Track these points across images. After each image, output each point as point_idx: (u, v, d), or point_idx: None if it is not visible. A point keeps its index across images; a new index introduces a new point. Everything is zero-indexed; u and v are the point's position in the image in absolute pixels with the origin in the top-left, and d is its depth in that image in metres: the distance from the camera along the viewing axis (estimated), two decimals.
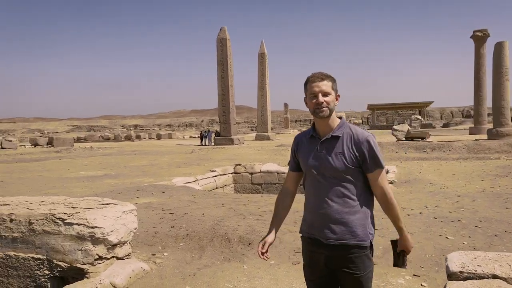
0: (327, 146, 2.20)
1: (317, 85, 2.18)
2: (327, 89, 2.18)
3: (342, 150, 2.17)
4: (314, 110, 2.19)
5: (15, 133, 74.38)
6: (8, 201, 4.49)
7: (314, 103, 2.18)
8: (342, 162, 2.14)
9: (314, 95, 2.18)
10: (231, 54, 34.22)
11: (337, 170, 2.15)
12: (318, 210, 2.19)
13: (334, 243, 2.16)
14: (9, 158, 21.07)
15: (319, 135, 2.25)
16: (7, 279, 4.13)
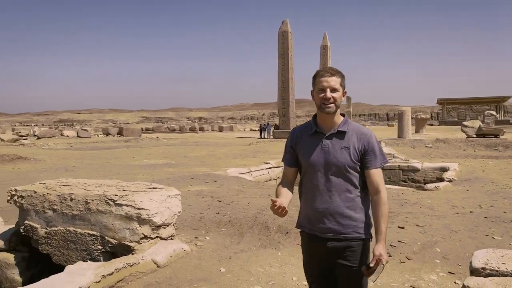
0: (333, 141, 2.20)
1: (326, 80, 2.17)
2: (336, 85, 2.18)
3: (348, 145, 2.18)
4: (320, 105, 2.18)
5: (91, 123, 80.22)
6: (70, 182, 5.02)
7: (321, 97, 2.17)
8: (348, 157, 2.16)
9: (323, 90, 2.17)
10: (292, 47, 34.17)
11: (343, 165, 2.16)
12: (321, 205, 2.18)
13: (337, 237, 2.17)
14: (83, 146, 22.93)
15: (322, 130, 2.23)
16: (67, 251, 4.63)
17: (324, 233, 2.19)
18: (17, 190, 4.99)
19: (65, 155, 16.68)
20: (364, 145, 2.19)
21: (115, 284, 3.59)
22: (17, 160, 13.00)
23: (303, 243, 2.36)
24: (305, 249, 2.35)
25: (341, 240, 2.18)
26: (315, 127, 2.26)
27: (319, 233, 2.21)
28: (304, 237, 2.34)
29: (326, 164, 2.17)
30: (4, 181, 9.16)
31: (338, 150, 2.18)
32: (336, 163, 2.16)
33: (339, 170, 2.16)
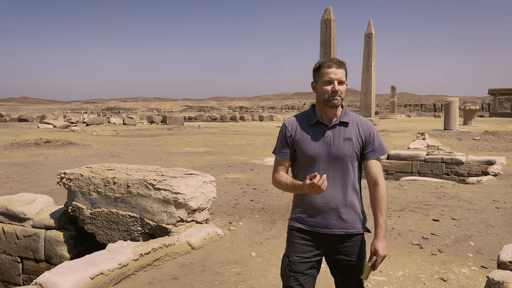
0: (335, 132, 2.13)
1: (334, 71, 2.09)
2: (342, 77, 2.11)
3: (350, 136, 2.13)
4: (328, 97, 2.09)
5: (136, 111, 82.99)
6: (113, 166, 5.33)
7: (329, 90, 2.09)
8: (351, 148, 2.12)
9: (330, 82, 2.09)
10: (335, 36, 33.55)
11: (346, 157, 2.10)
12: (323, 200, 2.10)
13: (339, 232, 2.11)
14: (129, 133, 23.87)
15: (324, 121, 2.16)
16: (110, 231, 4.95)
17: (327, 228, 2.11)
18: (66, 173, 5.37)
19: (111, 142, 17.48)
20: (365, 135, 2.16)
21: (151, 263, 3.82)
22: (67, 145, 13.81)
23: (295, 239, 2.18)
24: (296, 246, 2.16)
25: (343, 235, 2.12)
26: (316, 117, 2.18)
27: (320, 229, 2.12)
28: (298, 233, 2.17)
29: (328, 156, 2.10)
30: (56, 165, 9.80)
31: (341, 142, 2.12)
32: (339, 155, 2.10)
33: (342, 162, 2.10)
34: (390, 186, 7.40)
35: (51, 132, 21.82)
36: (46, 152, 12.53)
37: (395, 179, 11.47)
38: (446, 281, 3.45)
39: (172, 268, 3.80)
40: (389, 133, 21.18)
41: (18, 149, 12.83)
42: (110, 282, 3.44)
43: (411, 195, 6.45)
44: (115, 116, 47.32)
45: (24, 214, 5.62)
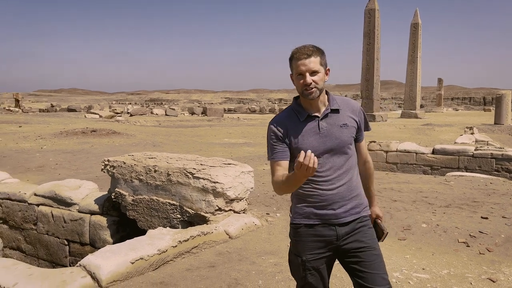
0: (329, 121, 2.05)
1: (303, 63, 1.96)
2: (315, 66, 1.96)
3: (345, 122, 2.06)
4: (302, 91, 2.00)
5: (178, 103, 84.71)
6: (154, 155, 5.44)
7: (301, 83, 1.98)
8: (348, 134, 2.06)
9: (301, 75, 1.98)
10: (379, 26, 32.60)
11: (345, 143, 2.05)
12: (330, 191, 2.03)
13: (351, 219, 2.06)
14: (170, 124, 24.41)
15: (313, 113, 2.06)
16: (150, 218, 5.07)
17: (338, 218, 2.04)
18: (109, 161, 5.54)
19: (154, 132, 17.94)
20: (358, 118, 2.13)
21: (190, 250, 3.87)
22: (112, 134, 14.30)
23: (304, 237, 2.08)
24: (308, 244, 2.07)
25: (353, 221, 2.07)
26: (304, 112, 2.06)
27: (331, 220, 2.04)
28: (307, 229, 2.07)
29: (328, 147, 2.02)
30: (101, 153, 10.18)
31: (338, 130, 2.04)
32: (339, 144, 2.03)
33: (342, 150, 2.04)
34: (435, 181, 7.11)
35: (97, 121, 22.70)
36: (92, 140, 13.05)
37: (441, 174, 11.01)
38: (495, 282, 3.26)
39: (210, 256, 3.83)
40: (434, 127, 20.41)
41: (67, 137, 13.44)
42: (150, 267, 3.51)
43: (458, 191, 6.16)
44: (157, 107, 48.55)
45: (71, 199, 5.87)
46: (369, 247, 2.06)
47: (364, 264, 2.02)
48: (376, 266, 2.03)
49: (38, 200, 6.17)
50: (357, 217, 2.08)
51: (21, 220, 6.37)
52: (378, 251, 2.09)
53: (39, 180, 7.21)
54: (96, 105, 43.29)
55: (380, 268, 2.04)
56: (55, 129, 15.91)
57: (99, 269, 3.26)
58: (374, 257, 2.05)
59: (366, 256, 2.03)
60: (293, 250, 2.16)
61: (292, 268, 2.19)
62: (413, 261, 3.65)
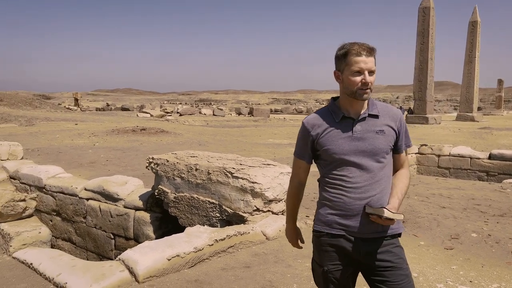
0: (365, 126, 1.93)
1: (364, 60, 1.83)
2: (373, 66, 1.87)
3: (382, 129, 1.93)
4: (357, 90, 1.86)
5: (226, 103, 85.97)
6: (196, 154, 5.51)
7: (359, 81, 1.85)
8: (384, 141, 1.92)
9: (360, 72, 1.85)
10: (433, 24, 31.26)
11: (379, 150, 1.91)
12: (359, 201, 1.88)
13: (376, 236, 1.89)
14: (217, 124, 24.80)
15: (350, 115, 1.94)
16: (191, 215, 5.14)
17: (362, 232, 1.89)
18: (154, 158, 5.68)
19: (201, 131, 18.29)
20: (397, 127, 1.97)
21: (226, 249, 3.87)
22: (160, 133, 14.74)
23: (325, 247, 1.97)
24: (329, 254, 1.97)
25: (380, 238, 1.90)
26: (341, 112, 1.95)
27: (354, 233, 1.90)
28: (329, 239, 1.96)
29: (361, 152, 1.89)
30: (149, 151, 10.50)
31: (373, 136, 1.91)
32: (373, 150, 1.90)
33: (376, 157, 1.90)
34: (490, 188, 6.67)
35: (147, 120, 23.51)
36: (141, 138, 13.52)
37: (497, 181, 10.33)
38: None
39: (246, 257, 3.81)
40: (492, 131, 19.24)
41: (118, 135, 14.02)
42: (186, 264, 3.55)
43: None
44: (206, 107, 49.54)
45: (117, 194, 6.08)
46: (396, 267, 1.90)
47: (391, 285, 1.88)
48: (404, 287, 1.89)
49: (88, 194, 6.46)
50: (384, 235, 1.92)
51: (72, 213, 6.69)
52: (407, 271, 1.93)
53: (90, 176, 7.55)
54: (148, 105, 44.91)
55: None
56: (108, 127, 16.66)
57: (137, 264, 3.33)
58: (402, 277, 1.90)
59: (393, 276, 1.89)
60: (315, 258, 2.08)
61: (315, 277, 2.11)
62: (459, 273, 3.43)
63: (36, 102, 34.68)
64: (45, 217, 7.16)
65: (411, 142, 2.09)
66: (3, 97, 32.83)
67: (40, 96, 69.58)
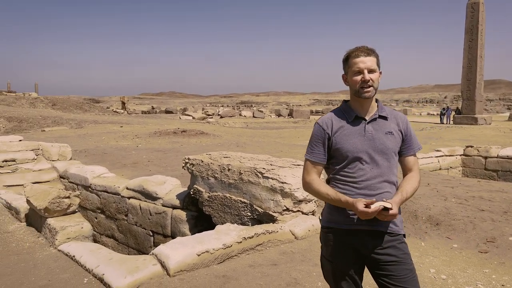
0: (375, 126, 2.04)
1: (362, 60, 1.98)
2: (373, 65, 1.99)
3: (391, 130, 2.04)
4: (358, 89, 1.99)
5: (267, 105, 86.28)
6: (229, 154, 5.66)
7: (359, 80, 1.98)
8: (393, 142, 2.04)
9: (359, 72, 1.98)
10: (483, 20, 29.91)
11: (389, 151, 2.02)
12: (368, 196, 1.96)
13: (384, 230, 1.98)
14: (256, 125, 25.02)
15: (362, 115, 2.05)
16: (223, 214, 5.29)
17: (370, 225, 1.96)
18: (189, 159, 5.89)
19: (240, 133, 18.54)
20: (404, 130, 2.08)
21: (254, 247, 3.97)
22: (200, 135, 15.12)
23: (334, 243, 2.05)
24: (337, 249, 2.04)
25: (387, 234, 1.99)
26: (353, 112, 2.06)
27: (362, 226, 1.97)
28: (337, 235, 2.04)
29: (372, 151, 2.00)
30: (188, 152, 10.82)
31: (383, 136, 2.02)
32: (383, 150, 2.01)
33: (385, 156, 2.01)
34: None
35: (189, 123, 24.13)
36: (182, 140, 13.93)
37: None
38: None
39: (273, 255, 3.89)
40: None
41: (160, 137, 14.53)
42: (215, 260, 3.68)
43: None
44: (246, 109, 49.98)
45: (156, 193, 6.35)
46: (400, 261, 1.98)
47: (395, 278, 1.96)
48: (408, 281, 1.96)
49: (129, 193, 6.78)
50: (390, 231, 2.00)
51: (115, 211, 7.05)
52: (411, 266, 2.01)
53: (132, 175, 7.91)
54: (190, 107, 45.99)
55: (413, 284, 1.97)
56: (151, 129, 17.29)
57: (168, 259, 3.50)
58: (406, 272, 1.98)
59: (397, 271, 1.97)
60: (324, 254, 2.15)
61: (325, 273, 2.17)
62: (492, 276, 3.33)
63: (86, 106, 36.52)
64: (91, 214, 7.59)
65: (420, 145, 2.15)
66: (57, 101, 34.85)
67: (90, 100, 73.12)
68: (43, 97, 37.97)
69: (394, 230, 2.01)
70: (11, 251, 4.73)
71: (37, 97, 39.21)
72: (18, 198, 6.33)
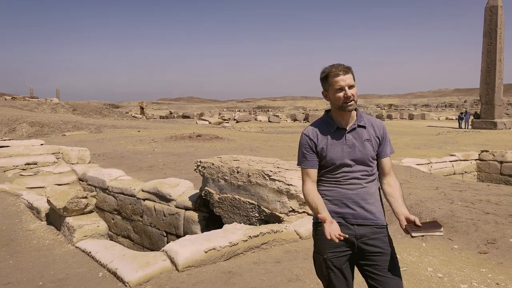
0: (355, 135, 2.26)
1: (342, 79, 2.18)
2: (352, 81, 2.20)
3: (369, 138, 2.27)
4: (342, 104, 2.19)
5: (283, 110, 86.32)
6: (238, 158, 5.87)
7: (342, 96, 2.18)
8: (371, 148, 2.26)
9: (341, 89, 2.18)
10: (502, 24, 29.50)
11: (367, 157, 2.24)
12: (350, 191, 2.21)
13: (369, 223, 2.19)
14: (272, 130, 25.19)
15: (343, 126, 2.27)
16: (233, 215, 5.49)
17: (356, 219, 2.20)
18: (201, 162, 6.12)
19: (254, 137, 18.75)
20: (380, 135, 2.30)
21: (259, 245, 4.15)
22: (214, 139, 15.39)
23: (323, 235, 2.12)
24: (328, 243, 2.15)
25: (371, 226, 2.20)
26: (335, 123, 2.27)
27: (350, 219, 2.20)
28: None
29: (352, 158, 2.22)
30: (202, 155, 11.07)
31: (362, 143, 2.25)
32: (362, 156, 2.23)
33: (364, 162, 2.24)
34: None
35: (205, 127, 24.48)
36: (197, 144, 14.22)
37: None
38: None
39: (277, 253, 4.07)
40: None
41: (175, 141, 14.86)
42: (221, 257, 3.88)
43: None
44: (261, 114, 50.24)
45: (170, 195, 6.59)
46: (384, 253, 2.18)
47: (378, 268, 2.16)
48: (390, 270, 2.15)
49: (145, 195, 7.05)
50: (374, 223, 2.21)
51: (131, 212, 7.33)
52: (394, 257, 2.20)
53: (148, 178, 8.19)
54: (207, 112, 46.51)
55: (394, 273, 2.16)
56: (167, 133, 17.65)
57: (177, 255, 3.72)
58: (389, 262, 2.17)
59: (381, 261, 2.17)
60: (315, 248, 2.33)
61: (317, 267, 2.32)
62: (487, 275, 3.43)
63: (105, 111, 37.34)
64: (108, 215, 7.89)
65: (393, 150, 2.39)
66: (77, 106, 35.75)
67: (110, 105, 74.51)
68: (64, 103, 39.03)
69: (380, 221, 2.22)
70: (32, 248, 5.03)
71: (58, 102, 40.34)
72: (39, 198, 6.67)
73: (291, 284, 3.40)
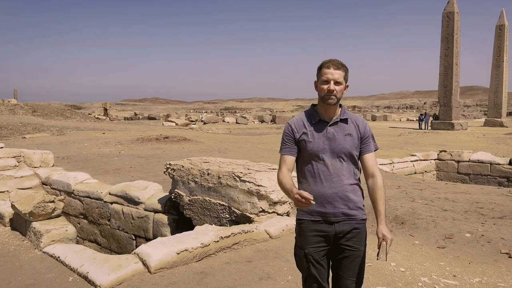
0: (336, 129, 2.33)
1: (331, 72, 2.26)
2: (340, 78, 2.27)
3: (351, 132, 2.33)
4: (324, 96, 2.28)
5: (251, 111, 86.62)
6: (208, 160, 5.92)
7: (325, 89, 2.27)
8: (352, 142, 2.32)
9: (327, 82, 2.27)
10: (458, 29, 30.89)
11: (347, 151, 2.30)
12: (330, 190, 2.28)
13: (346, 220, 2.28)
14: (239, 131, 25.28)
15: (325, 119, 2.34)
16: (203, 217, 5.53)
17: (336, 216, 2.28)
18: (170, 164, 6.12)
19: (222, 139, 18.78)
20: (362, 131, 2.36)
21: (231, 246, 4.23)
22: (182, 141, 15.29)
23: (307, 232, 2.34)
24: (309, 238, 2.32)
25: (350, 222, 2.29)
26: (318, 116, 2.36)
27: (330, 217, 2.29)
28: (309, 225, 2.33)
29: (332, 150, 2.30)
30: (170, 158, 11.01)
31: (343, 137, 2.31)
32: (342, 149, 2.30)
33: (344, 155, 2.30)
34: (497, 192, 6.79)
35: (172, 129, 24.24)
36: (164, 146, 14.09)
37: None
38: None
39: (249, 252, 4.16)
40: None
41: (142, 143, 14.65)
42: (193, 258, 3.93)
43: None
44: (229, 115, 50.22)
45: (138, 198, 6.55)
46: (355, 247, 2.33)
47: (348, 260, 2.32)
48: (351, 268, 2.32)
49: (112, 198, 6.96)
50: (353, 219, 2.31)
51: (98, 216, 7.21)
52: (362, 252, 2.36)
53: (114, 181, 8.07)
54: (173, 114, 45.95)
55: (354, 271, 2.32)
56: (133, 135, 17.38)
57: (149, 257, 3.74)
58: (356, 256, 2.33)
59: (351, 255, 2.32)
60: (297, 243, 2.44)
61: (297, 260, 2.46)
62: (446, 268, 3.67)
63: (67, 112, 36.19)
64: (73, 220, 7.72)
65: (377, 146, 2.46)
66: (37, 108, 34.46)
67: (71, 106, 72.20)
68: (23, 104, 37.49)
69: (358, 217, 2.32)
70: None
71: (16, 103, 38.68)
72: (2, 203, 6.45)
73: (263, 282, 3.50)
